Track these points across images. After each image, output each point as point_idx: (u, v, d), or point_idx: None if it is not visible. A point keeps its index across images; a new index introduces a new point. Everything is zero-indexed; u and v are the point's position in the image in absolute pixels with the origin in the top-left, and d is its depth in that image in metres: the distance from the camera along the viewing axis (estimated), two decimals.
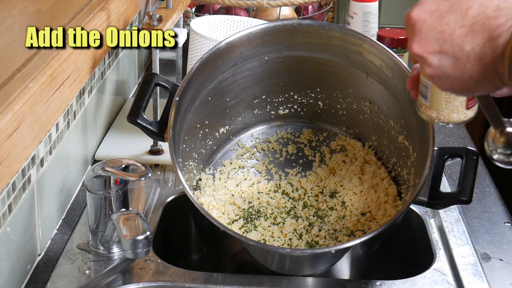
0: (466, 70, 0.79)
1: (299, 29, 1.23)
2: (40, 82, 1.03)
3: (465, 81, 0.80)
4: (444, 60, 0.80)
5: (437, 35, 0.81)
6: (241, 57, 1.23)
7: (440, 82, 0.83)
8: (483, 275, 1.11)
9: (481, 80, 0.79)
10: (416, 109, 0.95)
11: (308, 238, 1.18)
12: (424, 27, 0.82)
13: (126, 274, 1.10)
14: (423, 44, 0.82)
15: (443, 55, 0.80)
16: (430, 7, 0.82)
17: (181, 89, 1.14)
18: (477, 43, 0.78)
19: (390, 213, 1.20)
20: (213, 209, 1.20)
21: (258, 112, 1.33)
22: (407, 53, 1.80)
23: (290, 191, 1.28)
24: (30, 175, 1.06)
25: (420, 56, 0.82)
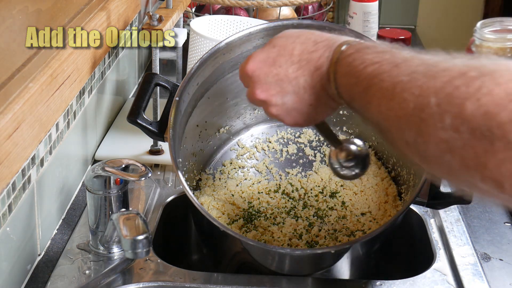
0: (305, 100, 0.90)
1: (299, 29, 1.23)
2: (40, 82, 1.03)
3: (307, 110, 0.91)
4: (286, 97, 0.91)
5: (275, 78, 0.91)
6: (241, 57, 1.23)
7: (287, 118, 0.93)
8: (483, 275, 1.11)
9: (319, 106, 0.90)
10: None
11: (308, 238, 1.18)
12: (261, 74, 0.92)
13: (126, 274, 1.10)
14: (265, 89, 0.92)
15: (284, 94, 0.91)
16: (261, 57, 0.93)
17: (181, 89, 1.14)
18: (307, 75, 0.89)
19: (390, 213, 1.20)
20: (213, 209, 1.20)
21: (258, 112, 1.33)
22: None
23: (290, 191, 1.28)
24: (30, 175, 1.06)
25: (264, 100, 0.93)
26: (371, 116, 0.80)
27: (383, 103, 0.76)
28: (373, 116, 0.79)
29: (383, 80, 0.76)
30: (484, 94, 0.65)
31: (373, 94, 0.78)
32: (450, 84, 0.68)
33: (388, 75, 0.76)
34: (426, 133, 0.70)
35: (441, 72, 0.70)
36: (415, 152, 0.73)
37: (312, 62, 0.89)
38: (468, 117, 0.66)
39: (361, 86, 0.80)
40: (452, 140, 0.67)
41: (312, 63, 0.89)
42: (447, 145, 0.68)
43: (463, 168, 0.67)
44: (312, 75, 0.89)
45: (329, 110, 0.92)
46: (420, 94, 0.70)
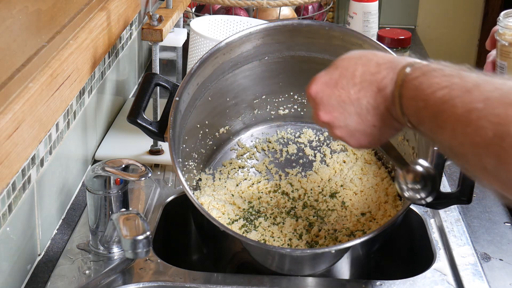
0: (368, 121, 0.90)
1: (299, 29, 1.23)
2: (40, 82, 1.03)
3: (370, 131, 0.91)
4: (349, 119, 0.91)
5: (337, 100, 0.91)
6: (241, 57, 1.23)
7: (351, 139, 0.93)
8: (483, 275, 1.11)
9: (382, 127, 0.90)
10: None
11: (308, 238, 1.18)
12: (324, 97, 0.92)
13: (126, 274, 1.10)
14: (329, 111, 0.92)
15: (347, 115, 0.91)
16: (323, 80, 0.93)
17: (181, 89, 1.14)
18: (370, 96, 0.89)
19: (390, 213, 1.20)
20: (213, 209, 1.20)
21: (258, 112, 1.33)
22: (407, 53, 1.80)
23: (290, 191, 1.28)
24: (30, 175, 1.06)
25: (328, 122, 0.93)
26: (443, 140, 0.79)
27: (458, 129, 0.75)
28: (446, 140, 0.78)
29: (455, 106, 0.76)
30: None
31: (445, 120, 0.77)
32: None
33: (461, 101, 0.75)
34: (508, 162, 0.70)
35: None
36: (494, 179, 0.73)
37: (374, 84, 0.88)
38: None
39: (431, 110, 0.80)
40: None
41: (374, 85, 0.88)
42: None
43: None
44: (375, 97, 0.88)
45: (393, 131, 0.92)
46: (499, 122, 0.70)
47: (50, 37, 1.12)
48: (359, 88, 0.89)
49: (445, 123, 0.77)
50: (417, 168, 0.95)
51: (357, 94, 0.90)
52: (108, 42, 1.38)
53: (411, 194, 0.96)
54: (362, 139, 0.93)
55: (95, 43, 1.29)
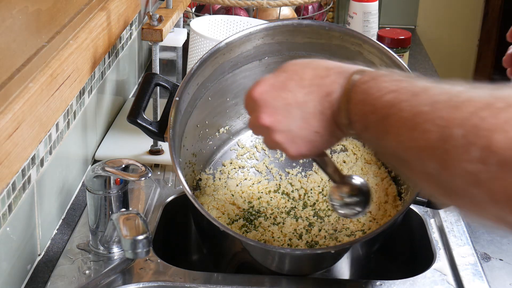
0: (312, 126, 0.87)
1: (299, 29, 1.23)
2: (40, 82, 1.03)
3: (313, 137, 0.88)
4: (293, 123, 0.88)
5: (283, 102, 0.88)
6: (241, 57, 1.23)
7: (291, 146, 0.89)
8: (483, 275, 1.11)
9: (325, 134, 0.87)
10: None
11: (308, 238, 1.18)
12: (269, 99, 0.89)
13: (126, 274, 1.10)
14: (272, 114, 0.89)
15: (291, 119, 0.88)
16: (270, 82, 0.90)
17: (181, 89, 1.14)
18: (316, 100, 0.86)
19: (390, 213, 1.20)
20: (213, 209, 1.20)
21: None
22: (407, 53, 1.80)
23: (290, 191, 1.28)
24: (30, 175, 1.06)
25: (269, 126, 0.89)
26: (388, 146, 0.77)
27: (403, 133, 0.74)
28: (390, 146, 0.76)
29: (402, 110, 0.74)
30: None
31: (391, 124, 0.75)
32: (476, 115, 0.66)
33: (408, 104, 0.74)
34: (451, 165, 0.68)
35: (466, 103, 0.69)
36: (437, 185, 0.71)
37: (323, 88, 0.86)
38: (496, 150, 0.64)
39: (378, 114, 0.78)
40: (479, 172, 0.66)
41: (323, 88, 0.86)
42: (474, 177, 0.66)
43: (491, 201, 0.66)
44: (322, 101, 0.86)
45: (334, 139, 0.89)
46: (444, 125, 0.69)
47: (50, 37, 1.12)
48: (307, 91, 0.87)
49: (392, 127, 0.75)
50: (353, 181, 0.93)
51: (305, 97, 0.87)
52: (108, 42, 1.38)
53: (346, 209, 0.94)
54: (303, 146, 0.89)
55: (95, 43, 1.29)
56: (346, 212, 0.94)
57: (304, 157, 0.91)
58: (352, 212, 0.94)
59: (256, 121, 0.90)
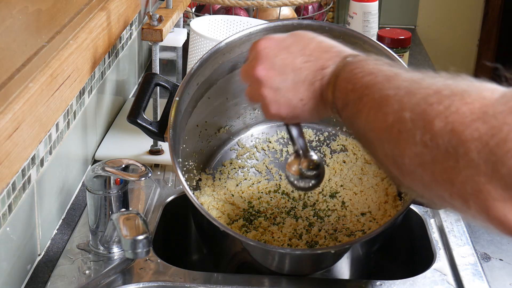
0: (299, 93, 0.91)
1: (299, 29, 1.23)
2: (40, 82, 1.03)
3: (295, 103, 0.92)
4: (283, 83, 0.92)
5: (281, 61, 0.93)
6: (241, 57, 1.23)
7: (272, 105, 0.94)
8: (483, 275, 1.11)
9: (308, 104, 0.92)
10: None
11: (308, 238, 1.18)
12: (270, 53, 0.94)
13: (126, 274, 1.10)
14: (267, 68, 0.93)
15: (283, 79, 0.92)
16: (277, 39, 0.96)
17: (181, 89, 1.14)
18: (311, 70, 0.91)
19: (390, 213, 1.20)
20: (213, 209, 1.20)
21: (258, 112, 1.33)
22: (407, 53, 1.80)
23: (290, 191, 1.28)
24: (30, 175, 1.06)
25: (261, 79, 0.93)
26: (359, 125, 0.82)
27: (371, 114, 0.79)
28: (361, 125, 0.81)
29: (374, 92, 0.80)
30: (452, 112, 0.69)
31: (364, 104, 0.81)
32: (425, 101, 0.72)
33: (379, 87, 0.79)
34: (402, 146, 0.73)
35: (421, 89, 0.74)
36: (393, 165, 0.76)
37: (320, 61, 0.91)
38: (436, 134, 0.69)
39: (356, 94, 0.83)
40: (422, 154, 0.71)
41: (320, 62, 0.91)
42: (419, 159, 0.71)
43: (434, 182, 0.71)
44: (315, 73, 0.91)
45: (315, 113, 0.94)
46: (399, 108, 0.74)
47: (50, 37, 1.12)
48: (305, 59, 0.92)
49: (364, 107, 0.80)
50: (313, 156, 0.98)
51: (301, 64, 0.92)
52: (108, 42, 1.38)
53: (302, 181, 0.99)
54: (283, 108, 0.93)
55: (95, 43, 1.29)
56: (302, 185, 0.99)
57: (281, 119, 0.96)
58: (307, 185, 0.99)
59: (250, 69, 0.95)
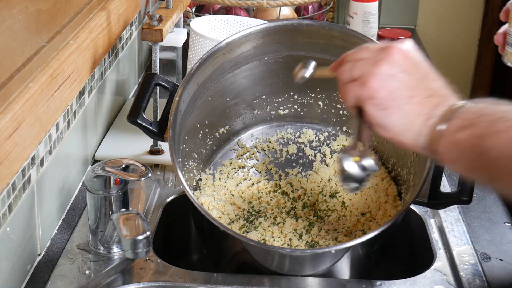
0: (402, 112, 0.88)
1: (299, 29, 1.23)
2: (40, 82, 1.03)
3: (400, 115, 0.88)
4: (391, 99, 0.88)
5: (402, 80, 0.88)
6: (241, 57, 1.23)
7: (377, 107, 0.89)
8: (483, 275, 1.11)
9: (407, 124, 0.88)
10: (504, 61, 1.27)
11: (308, 238, 1.18)
12: (398, 65, 0.89)
13: (126, 274, 1.10)
14: (384, 80, 0.88)
15: (391, 97, 0.88)
16: (411, 55, 0.90)
17: (181, 89, 1.14)
18: (427, 102, 0.88)
19: (390, 213, 1.20)
20: (213, 209, 1.20)
21: (258, 112, 1.33)
22: None
23: (290, 191, 1.28)
24: (30, 175, 1.06)
25: (372, 87, 0.88)
26: (491, 151, 0.80)
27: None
28: (494, 152, 0.80)
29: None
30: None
31: (499, 128, 0.81)
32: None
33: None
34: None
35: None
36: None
37: (437, 99, 0.88)
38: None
39: (488, 116, 0.82)
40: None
41: (436, 101, 0.88)
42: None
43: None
44: (424, 105, 0.88)
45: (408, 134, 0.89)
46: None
47: (50, 37, 1.12)
48: (424, 95, 0.88)
49: (499, 131, 0.80)
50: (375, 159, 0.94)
51: (419, 100, 0.88)
52: (108, 42, 1.38)
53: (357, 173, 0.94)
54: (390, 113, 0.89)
55: (95, 43, 1.29)
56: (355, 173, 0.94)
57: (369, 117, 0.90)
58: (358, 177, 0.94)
59: (369, 68, 0.89)
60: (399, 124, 0.88)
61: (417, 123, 0.87)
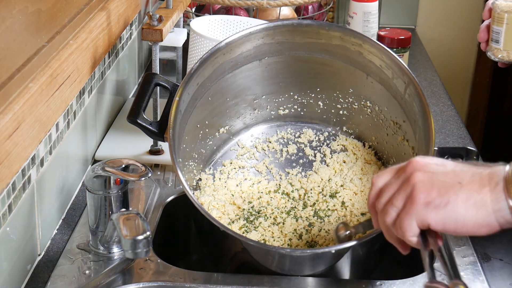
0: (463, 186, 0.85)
1: (299, 29, 1.23)
2: (40, 82, 1.03)
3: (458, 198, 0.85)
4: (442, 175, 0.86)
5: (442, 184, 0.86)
6: (241, 57, 1.23)
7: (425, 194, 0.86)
8: (483, 275, 1.11)
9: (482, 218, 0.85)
10: (489, 55, 1.33)
11: (308, 238, 1.18)
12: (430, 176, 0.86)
13: (126, 274, 1.10)
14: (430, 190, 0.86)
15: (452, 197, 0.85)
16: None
17: (181, 89, 1.14)
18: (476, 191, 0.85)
19: None
20: (213, 209, 1.20)
21: (258, 112, 1.33)
22: (407, 53, 1.80)
23: (290, 191, 1.28)
24: (30, 175, 1.06)
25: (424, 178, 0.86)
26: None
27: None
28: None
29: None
30: None
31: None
32: None
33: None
34: None
35: None
36: None
37: (485, 181, 0.85)
38: None
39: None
40: None
41: (485, 181, 0.85)
42: None
43: None
44: (477, 180, 0.85)
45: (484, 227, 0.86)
46: None
47: (50, 37, 1.12)
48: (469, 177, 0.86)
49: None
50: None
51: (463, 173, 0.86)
52: (108, 42, 1.38)
53: None
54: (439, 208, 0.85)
55: (95, 43, 1.29)
56: None
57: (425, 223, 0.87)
58: None
59: (405, 188, 0.88)
60: (470, 209, 0.85)
61: (485, 197, 0.84)
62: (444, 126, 1.62)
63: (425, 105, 1.14)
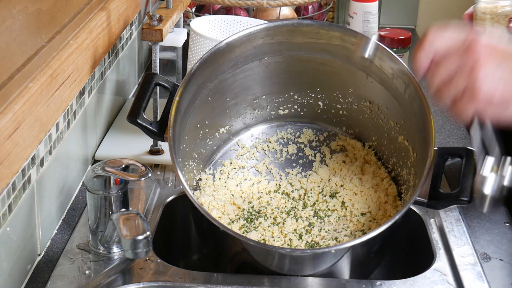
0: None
1: (299, 29, 1.23)
2: (40, 82, 1.03)
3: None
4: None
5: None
6: (241, 57, 1.23)
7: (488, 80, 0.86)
8: (483, 275, 1.11)
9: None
10: None
11: (308, 238, 1.18)
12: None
13: (126, 274, 1.10)
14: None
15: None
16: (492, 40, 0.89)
17: (181, 89, 1.14)
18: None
19: (390, 213, 1.20)
20: (213, 209, 1.20)
21: (258, 112, 1.33)
22: (407, 53, 1.81)
23: (290, 191, 1.28)
24: (30, 175, 1.06)
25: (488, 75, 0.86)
26: None
27: None
28: None
29: None
30: None
31: None
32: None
33: None
34: None
35: None
36: None
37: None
38: None
39: None
40: None
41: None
42: None
43: None
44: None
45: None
46: None
47: (50, 37, 1.12)
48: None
49: None
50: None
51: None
52: (108, 42, 1.38)
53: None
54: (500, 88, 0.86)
55: (95, 43, 1.29)
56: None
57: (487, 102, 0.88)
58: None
59: (468, 79, 0.87)
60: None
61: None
62: (444, 126, 1.62)
63: (425, 105, 1.14)
